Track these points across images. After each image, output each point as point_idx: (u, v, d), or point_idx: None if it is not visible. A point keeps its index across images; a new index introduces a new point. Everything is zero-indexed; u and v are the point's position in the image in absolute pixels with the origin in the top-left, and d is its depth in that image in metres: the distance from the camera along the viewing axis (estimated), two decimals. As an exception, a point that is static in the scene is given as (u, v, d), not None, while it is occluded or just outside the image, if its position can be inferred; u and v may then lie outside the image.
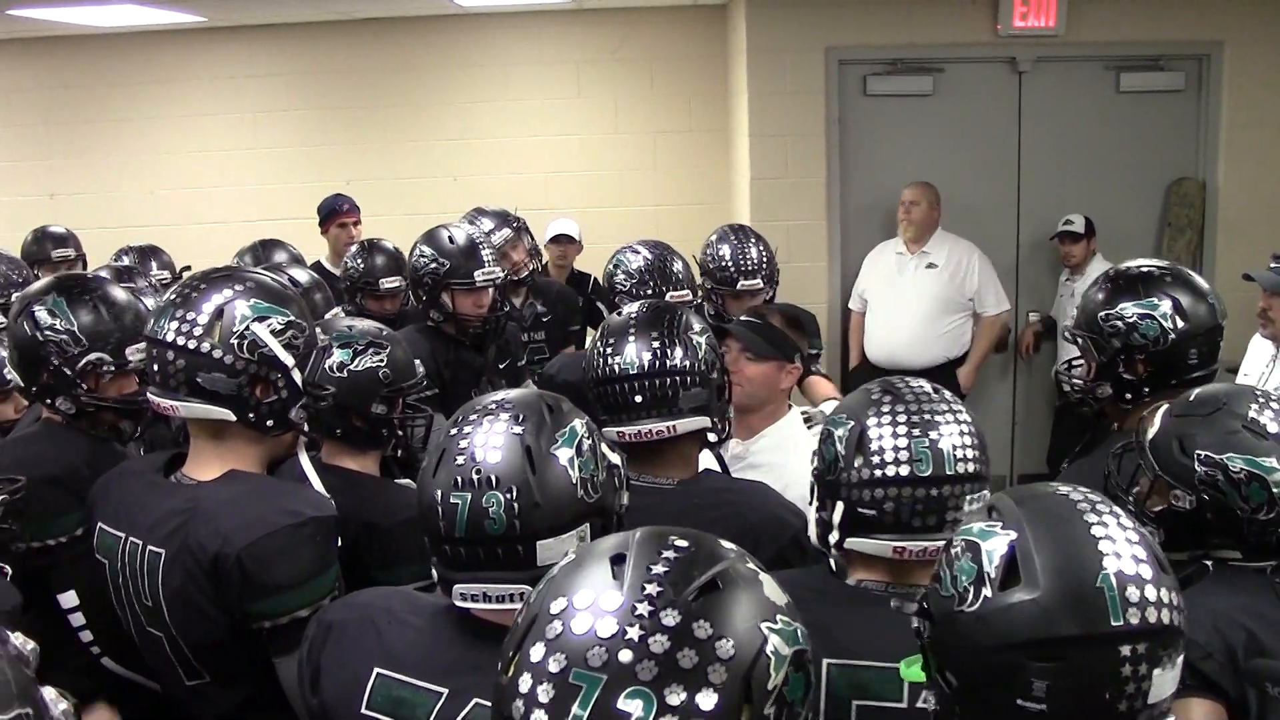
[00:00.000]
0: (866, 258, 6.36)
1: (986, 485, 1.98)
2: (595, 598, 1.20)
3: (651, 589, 1.20)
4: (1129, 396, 2.70)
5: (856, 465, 1.95)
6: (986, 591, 1.41)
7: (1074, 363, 2.93)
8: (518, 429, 1.75)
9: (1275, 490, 2.03)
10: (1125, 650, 1.35)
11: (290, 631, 2.12)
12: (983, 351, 6.20)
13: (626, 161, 7.50)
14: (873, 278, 6.28)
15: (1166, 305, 2.65)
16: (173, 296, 2.29)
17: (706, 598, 1.20)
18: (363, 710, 1.77)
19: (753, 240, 4.42)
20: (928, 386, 2.04)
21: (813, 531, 2.09)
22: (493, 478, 1.72)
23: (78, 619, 2.64)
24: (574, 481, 1.75)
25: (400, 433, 2.80)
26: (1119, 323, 2.68)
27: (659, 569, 1.22)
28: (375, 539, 2.52)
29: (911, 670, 1.56)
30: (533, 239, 5.11)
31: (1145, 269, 2.75)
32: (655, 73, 7.41)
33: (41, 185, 7.56)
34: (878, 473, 1.93)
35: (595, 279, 6.53)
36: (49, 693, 1.18)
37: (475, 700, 1.68)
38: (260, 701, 2.27)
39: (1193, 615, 1.84)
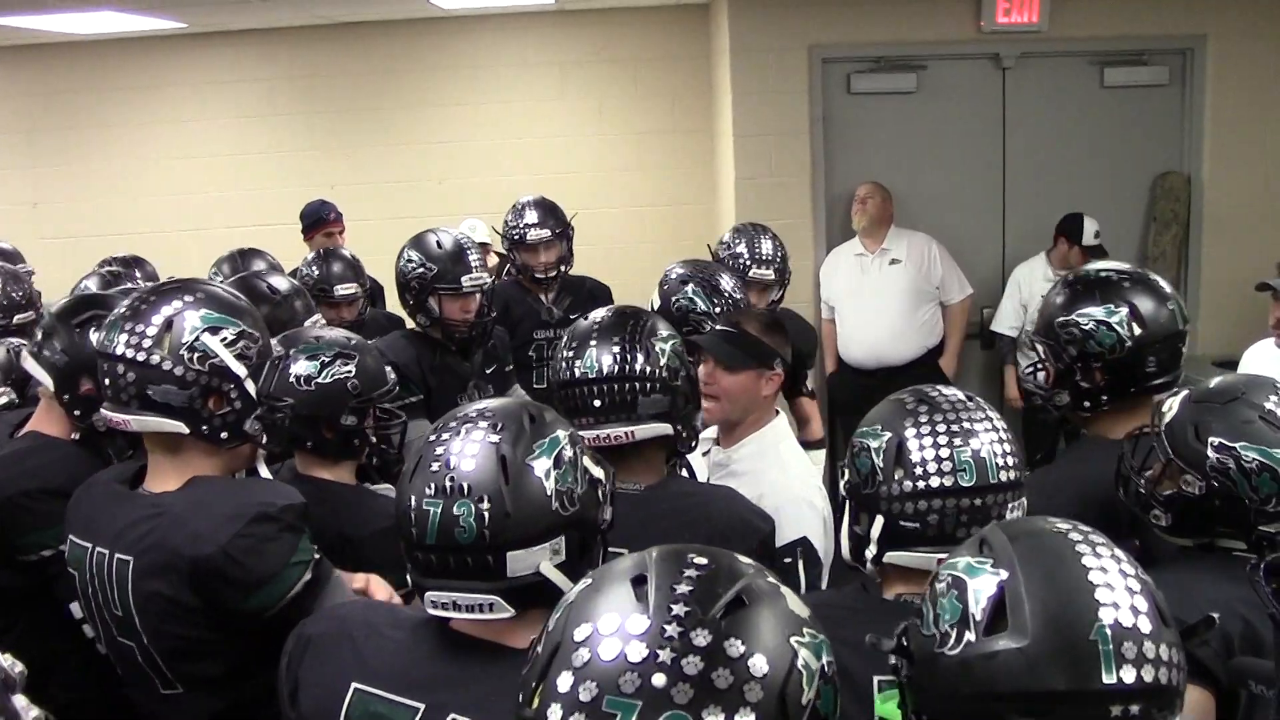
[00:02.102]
0: (823, 267, 6.37)
1: (1024, 493, 1.95)
2: (621, 622, 1.18)
3: (679, 609, 1.18)
4: (1088, 405, 2.65)
5: (897, 478, 1.91)
6: (970, 635, 1.33)
7: (1040, 366, 2.87)
8: (495, 438, 1.74)
9: None
10: (1116, 711, 1.27)
11: (297, 604, 2.15)
12: (958, 339, 6.23)
13: (611, 163, 7.47)
14: (837, 283, 6.28)
15: (1123, 312, 2.57)
16: (123, 310, 2.28)
17: (734, 615, 1.19)
18: None
19: (768, 235, 4.48)
20: (960, 394, 2.00)
21: (845, 547, 2.06)
22: (465, 486, 1.70)
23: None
24: (549, 493, 1.72)
25: (374, 441, 2.79)
26: (1075, 330, 2.60)
27: (683, 588, 1.21)
28: (349, 549, 2.51)
29: (887, 707, 1.51)
30: (571, 242, 5.07)
31: (1104, 273, 2.67)
32: (639, 73, 7.39)
33: (24, 194, 7.51)
34: (920, 484, 1.89)
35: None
36: (20, 700, 1.19)
37: (452, 715, 1.67)
38: (235, 710, 2.26)
39: (1192, 603, 1.81)
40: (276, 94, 7.50)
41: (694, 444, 2.67)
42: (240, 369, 2.27)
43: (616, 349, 2.51)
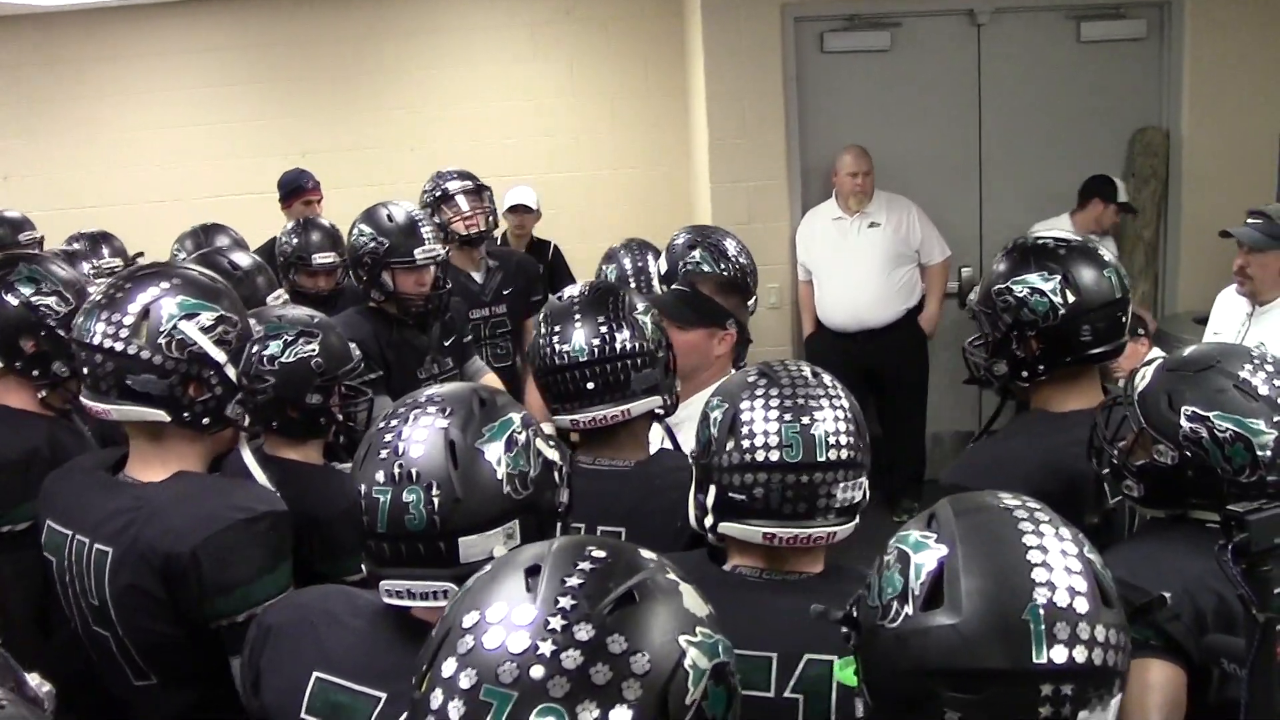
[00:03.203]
0: (799, 229, 6.34)
1: (863, 473, 1.96)
2: (508, 611, 1.18)
3: (565, 602, 1.17)
4: (1025, 375, 2.60)
5: (728, 449, 1.94)
6: (908, 609, 1.34)
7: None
8: (443, 423, 1.71)
9: (1260, 453, 2.00)
10: (1046, 690, 1.27)
11: (246, 630, 2.08)
12: (938, 300, 6.24)
13: (584, 125, 7.42)
14: (815, 247, 6.25)
15: (1057, 279, 2.52)
16: (98, 297, 2.25)
17: (622, 611, 1.18)
18: (302, 715, 1.75)
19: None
20: (807, 370, 2.01)
21: (691, 515, 2.06)
22: (414, 472, 1.68)
23: None
24: (500, 478, 1.70)
25: (340, 419, 2.77)
26: (1010, 298, 2.55)
27: (574, 581, 1.20)
28: (316, 531, 2.49)
29: (845, 674, 1.51)
30: (493, 202, 5.04)
31: (1042, 240, 2.62)
32: (611, 33, 7.32)
33: (-7, 168, 7.44)
34: (748, 457, 1.91)
35: (556, 246, 6.48)
36: (33, 678, 1.22)
37: None
38: (208, 704, 2.25)
39: (1165, 578, 1.82)
40: (245, 62, 7.42)
41: (675, 408, 2.67)
42: (220, 355, 2.25)
43: (604, 329, 2.49)
